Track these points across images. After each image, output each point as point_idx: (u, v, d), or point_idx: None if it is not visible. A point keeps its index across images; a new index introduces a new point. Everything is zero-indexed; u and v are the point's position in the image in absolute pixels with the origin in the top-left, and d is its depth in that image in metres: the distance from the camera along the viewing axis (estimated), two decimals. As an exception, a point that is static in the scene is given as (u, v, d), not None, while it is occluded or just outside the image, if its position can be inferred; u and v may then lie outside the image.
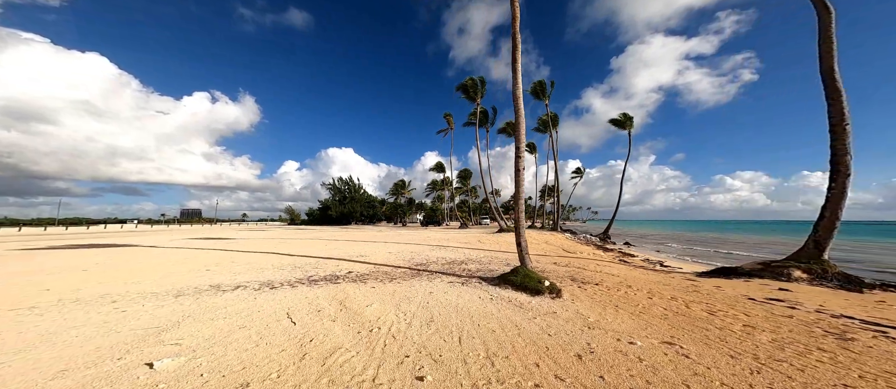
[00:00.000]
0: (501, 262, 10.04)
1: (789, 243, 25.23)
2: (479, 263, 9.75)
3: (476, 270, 8.50)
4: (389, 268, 8.60)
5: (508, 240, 19.27)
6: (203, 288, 6.20)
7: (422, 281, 7.08)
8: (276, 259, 10.06)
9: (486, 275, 7.80)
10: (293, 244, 16.18)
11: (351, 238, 21.09)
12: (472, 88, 31.07)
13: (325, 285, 6.47)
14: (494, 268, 8.82)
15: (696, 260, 16.22)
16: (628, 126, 32.47)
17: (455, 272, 8.22)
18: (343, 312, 4.85)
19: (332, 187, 68.44)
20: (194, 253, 11.58)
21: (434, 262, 9.71)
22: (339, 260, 9.95)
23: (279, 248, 12.96)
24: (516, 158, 7.18)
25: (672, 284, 7.41)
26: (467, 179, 66.89)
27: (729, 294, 6.41)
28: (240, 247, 13.35)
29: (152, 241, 18.15)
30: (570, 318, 4.70)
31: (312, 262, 9.23)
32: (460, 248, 14.13)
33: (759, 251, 20.50)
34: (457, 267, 9.03)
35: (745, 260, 15.85)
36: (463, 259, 10.63)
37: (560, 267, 9.50)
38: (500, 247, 15.09)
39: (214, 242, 17.32)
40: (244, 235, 24.52)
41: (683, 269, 11.69)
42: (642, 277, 8.41)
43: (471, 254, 12.00)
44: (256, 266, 8.59)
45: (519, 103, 7.44)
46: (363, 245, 15.34)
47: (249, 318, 4.44)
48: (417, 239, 19.28)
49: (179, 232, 33.00)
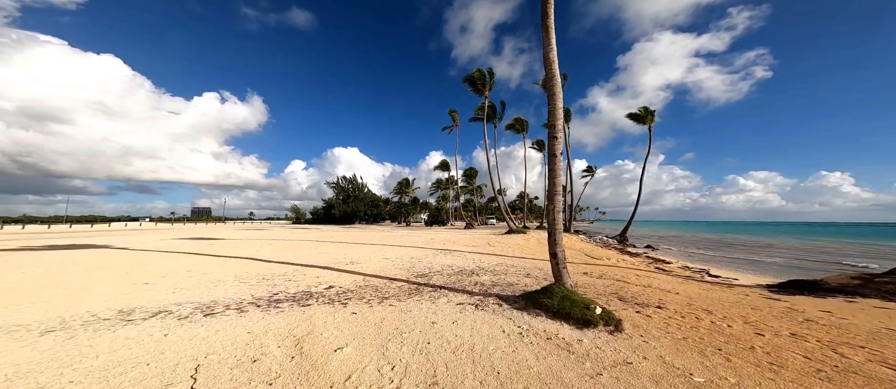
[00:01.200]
0: (519, 272, 8.21)
1: (827, 247, 22.77)
2: (492, 273, 7.93)
3: (491, 284, 6.69)
4: (383, 281, 6.83)
5: (520, 244, 17.39)
6: (106, 314, 4.47)
7: (422, 301, 5.29)
8: (249, 266, 8.36)
9: (505, 292, 5.98)
10: (281, 246, 14.53)
11: (349, 239, 19.42)
12: (479, 80, 29.18)
13: (289, 309, 4.71)
14: (513, 281, 7.00)
15: (745, 268, 14.15)
16: (649, 120, 30.31)
17: (465, 287, 6.41)
18: (294, 362, 3.09)
19: (336, 186, 67.14)
20: (157, 258, 9.95)
21: (438, 272, 7.91)
22: (323, 268, 8.20)
23: (262, 251, 11.30)
24: (550, 139, 5.33)
25: (760, 307, 5.50)
26: (473, 178, 65.02)
27: (864, 326, 4.48)
28: (217, 251, 11.71)
29: (129, 242, 16.68)
30: (658, 376, 2.88)
31: (289, 271, 7.49)
32: (468, 253, 12.31)
33: (805, 257, 18.28)
34: (466, 279, 7.23)
35: (799, 268, 13.74)
36: (473, 267, 8.82)
37: (594, 279, 7.63)
38: (514, 252, 13.23)
39: (198, 244, 15.77)
40: (237, 235, 23.03)
41: (740, 281, 9.73)
42: (708, 295, 6.50)
43: (482, 261, 10.17)
44: (215, 277, 6.87)
45: (553, 68, 5.60)
46: (359, 248, 13.61)
47: (120, 382, 2.69)
48: (420, 241, 17.51)
49: (174, 231, 31.76)
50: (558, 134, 5.29)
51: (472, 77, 29.05)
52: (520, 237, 21.28)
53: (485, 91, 29.48)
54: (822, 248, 23.66)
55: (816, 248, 23.55)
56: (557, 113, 5.36)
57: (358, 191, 67.00)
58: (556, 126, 5.31)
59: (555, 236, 5.14)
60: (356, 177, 68.77)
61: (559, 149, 5.25)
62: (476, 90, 29.74)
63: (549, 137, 5.37)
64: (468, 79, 29.54)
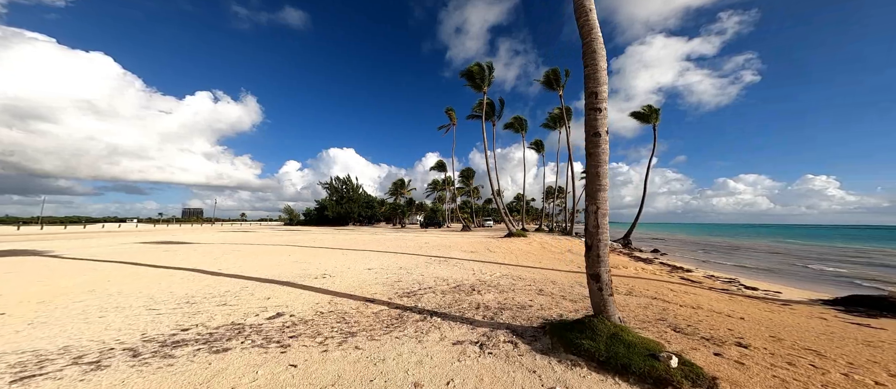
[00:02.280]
0: (530, 288, 6.64)
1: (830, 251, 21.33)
2: (497, 290, 6.35)
3: (497, 307, 5.10)
4: (356, 304, 5.21)
5: (523, 249, 15.85)
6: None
7: (404, 338, 3.70)
8: (187, 281, 6.65)
9: (518, 321, 4.41)
10: (249, 252, 12.81)
11: (335, 243, 17.71)
12: (478, 75, 27.68)
13: (188, 360, 3.06)
14: (525, 302, 5.42)
15: (773, 276, 12.69)
16: (653, 119, 29.05)
17: (464, 312, 4.82)
18: None
19: (329, 187, 65.15)
20: (79, 269, 8.14)
21: (430, 289, 6.30)
22: (283, 284, 6.53)
23: (221, 260, 9.54)
24: (591, 112, 3.71)
25: (855, 337, 3.95)
26: (470, 179, 63.55)
27: None
28: (166, 260, 9.91)
29: (78, 247, 14.83)
30: None
31: (235, 289, 5.79)
32: (466, 261, 10.72)
33: (827, 262, 16.89)
34: (465, 299, 5.63)
35: (830, 277, 12.19)
36: (473, 281, 7.23)
37: (624, 296, 6.07)
38: (518, 260, 11.65)
39: (155, 250, 13.99)
40: (214, 239, 21.18)
41: (785, 294, 8.26)
42: (779, 320, 4.96)
43: (482, 272, 8.59)
44: (120, 300, 5.01)
45: (591, 16, 3.98)
46: (341, 255, 11.94)
47: None
48: (413, 246, 15.88)
49: (148, 234, 29.75)
50: (602, 104, 3.71)
51: (471, 71, 27.55)
52: (521, 241, 19.74)
53: (484, 87, 28.00)
54: (827, 253, 22.41)
55: (823, 253, 22.30)
56: (600, 76, 3.78)
57: (352, 191, 65.10)
58: (600, 93, 3.73)
59: (598, 250, 3.54)
60: (350, 178, 66.90)
61: (604, 124, 3.67)
62: (474, 85, 28.25)
63: (588, 110, 3.78)
64: (466, 73, 28.05)
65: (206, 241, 17.48)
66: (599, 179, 3.58)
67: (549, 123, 39.64)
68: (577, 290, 6.59)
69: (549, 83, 30.73)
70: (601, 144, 3.61)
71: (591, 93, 3.78)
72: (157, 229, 40.39)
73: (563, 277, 8.12)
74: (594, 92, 3.75)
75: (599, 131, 3.61)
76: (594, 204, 3.58)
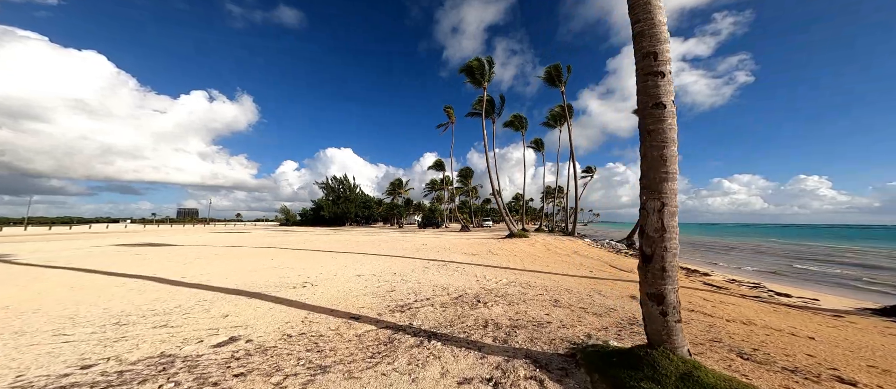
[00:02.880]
0: (544, 298, 5.70)
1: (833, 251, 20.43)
2: (506, 301, 5.40)
3: (509, 325, 4.16)
4: (335, 324, 4.24)
5: (527, 251, 14.93)
6: None
7: (392, 376, 2.75)
8: (138, 293, 5.56)
9: (537, 345, 3.47)
10: (227, 256, 11.79)
11: (326, 245, 16.71)
12: (478, 70, 26.75)
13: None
14: (542, 318, 4.48)
15: (793, 280, 11.83)
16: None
17: (469, 333, 3.88)
18: None
19: (325, 186, 63.97)
20: (14, 280, 7.13)
21: (427, 301, 5.34)
22: (251, 295, 5.51)
23: (189, 267, 8.42)
24: (650, 77, 2.68)
25: None
26: (468, 179, 62.64)
27: None
28: (129, 267, 8.77)
29: (41, 250, 13.77)
30: None
31: (184, 306, 4.69)
32: (468, 265, 9.77)
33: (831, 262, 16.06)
34: (469, 313, 4.68)
35: (847, 280, 11.19)
36: (477, 290, 6.28)
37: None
38: (524, 264, 10.72)
39: (126, 253, 12.94)
40: (198, 240, 20.09)
41: (822, 303, 7.38)
42: (858, 340, 4.04)
43: (487, 278, 7.65)
44: (19, 327, 3.92)
45: None
46: (329, 259, 10.95)
47: None
48: (410, 248, 14.90)
49: (135, 235, 28.60)
50: (664, 66, 2.73)
51: (471, 66, 26.63)
52: (523, 242, 18.82)
53: (484, 82, 27.08)
54: (832, 253, 21.66)
55: (830, 253, 21.54)
56: (659, 32, 2.81)
57: (349, 191, 63.97)
58: (660, 53, 2.75)
59: (662, 262, 2.54)
60: (347, 178, 65.76)
61: (669, 92, 2.71)
62: (474, 81, 27.33)
63: (644, 75, 2.80)
64: (466, 69, 27.11)
65: (187, 243, 16.40)
66: (665, 164, 2.61)
67: (549, 122, 38.81)
68: (597, 301, 5.66)
69: (550, 79, 29.86)
70: (666, 118, 2.65)
71: (647, 54, 2.82)
72: (146, 230, 39.14)
73: (577, 284, 7.20)
74: (652, 52, 2.79)
75: (663, 101, 2.65)
76: (657, 197, 2.61)
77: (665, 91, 2.64)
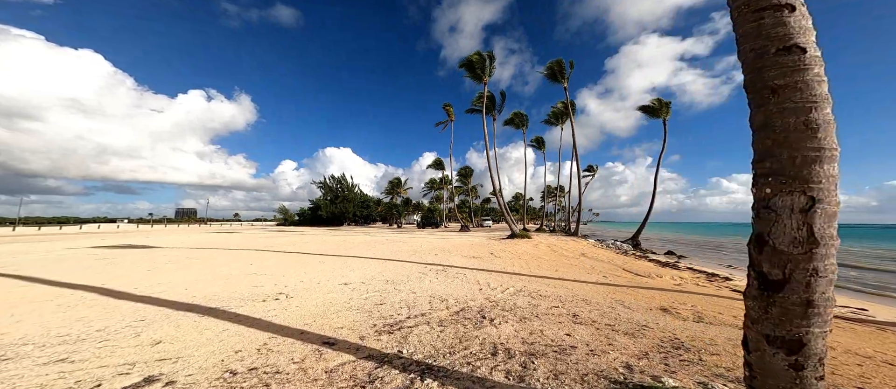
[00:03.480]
0: (561, 313, 4.83)
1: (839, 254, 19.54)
2: (517, 317, 4.53)
3: (524, 351, 3.29)
4: (302, 350, 3.37)
5: (531, 253, 14.07)
6: None
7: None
8: (49, 313, 4.59)
9: (565, 384, 2.59)
10: (203, 259, 10.90)
11: (318, 246, 15.82)
12: (478, 65, 25.86)
13: None
14: (564, 341, 3.61)
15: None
16: (663, 113, 27.42)
17: (475, 366, 3.00)
18: None
19: (323, 186, 63.02)
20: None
21: (423, 316, 4.47)
22: (203, 312, 4.61)
23: (152, 274, 7.34)
24: (763, 14, 1.76)
25: None
26: (468, 178, 61.82)
27: None
28: (70, 275, 7.91)
29: (13, 253, 12.86)
30: None
31: (110, 327, 3.74)
32: (469, 269, 8.90)
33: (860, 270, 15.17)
34: (474, 335, 3.80)
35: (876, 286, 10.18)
36: (481, 301, 5.40)
37: (703, 327, 4.25)
38: (529, 268, 9.85)
39: (95, 254, 12.08)
40: (184, 241, 19.19)
41: (869, 312, 6.52)
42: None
43: (492, 286, 6.77)
44: None
45: None
46: (316, 263, 10.06)
47: None
48: (406, 250, 14.03)
49: (112, 236, 27.73)
50: None
51: (471, 61, 25.73)
52: (526, 243, 17.96)
53: (484, 77, 26.20)
54: (845, 257, 20.81)
55: (842, 257, 20.70)
56: None
57: (347, 191, 63.05)
58: None
59: (808, 294, 1.55)
60: (345, 177, 64.83)
61: (806, 31, 1.71)
62: (474, 76, 26.44)
63: (756, 11, 1.86)
64: (466, 63, 26.22)
65: (168, 245, 15.48)
66: (815, 135, 1.61)
67: (550, 119, 37.99)
68: (623, 315, 4.80)
69: (552, 75, 28.98)
70: (811, 65, 1.65)
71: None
72: (138, 230, 38.22)
73: (594, 293, 6.33)
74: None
75: (797, 42, 1.66)
76: (799, 189, 1.63)
77: (799, 28, 1.69)
